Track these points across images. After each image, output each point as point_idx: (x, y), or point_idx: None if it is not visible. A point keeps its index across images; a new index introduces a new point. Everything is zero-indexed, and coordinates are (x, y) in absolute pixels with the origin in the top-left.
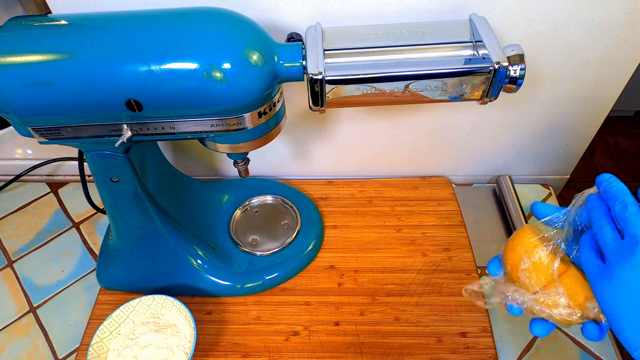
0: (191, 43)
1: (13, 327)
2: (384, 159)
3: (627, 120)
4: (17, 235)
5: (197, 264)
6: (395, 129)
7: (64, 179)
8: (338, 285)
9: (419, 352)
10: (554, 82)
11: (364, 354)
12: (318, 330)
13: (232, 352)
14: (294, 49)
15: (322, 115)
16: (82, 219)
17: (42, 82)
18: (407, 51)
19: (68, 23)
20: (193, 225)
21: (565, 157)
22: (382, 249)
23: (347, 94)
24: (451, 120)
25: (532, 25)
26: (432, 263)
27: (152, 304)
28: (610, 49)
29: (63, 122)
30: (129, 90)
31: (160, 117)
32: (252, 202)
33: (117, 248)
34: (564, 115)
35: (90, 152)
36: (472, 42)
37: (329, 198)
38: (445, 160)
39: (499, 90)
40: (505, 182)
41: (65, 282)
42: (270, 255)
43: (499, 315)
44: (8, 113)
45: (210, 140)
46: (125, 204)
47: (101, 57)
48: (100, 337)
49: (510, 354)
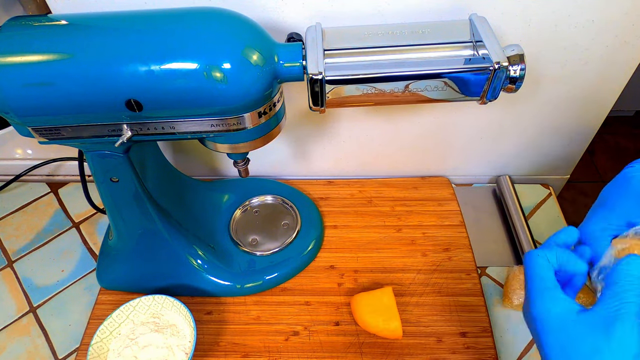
0: (191, 43)
1: (13, 327)
2: (384, 159)
3: (627, 120)
4: (17, 235)
5: (197, 264)
6: (395, 129)
7: (64, 179)
8: (338, 285)
9: (419, 352)
10: (554, 82)
11: (364, 354)
12: (318, 330)
13: (232, 352)
14: (294, 49)
15: (322, 115)
16: (82, 219)
17: (42, 82)
18: (407, 51)
19: (68, 23)
20: (193, 225)
21: (565, 157)
22: (382, 249)
23: (347, 94)
24: (451, 120)
25: (532, 25)
26: (432, 263)
27: (152, 304)
28: (610, 49)
29: (63, 122)
30: (129, 90)
31: (160, 117)
32: (252, 202)
33: (117, 248)
34: (564, 115)
35: (90, 152)
36: (472, 42)
37: (329, 198)
38: (445, 160)
39: (499, 91)
40: (505, 182)
41: (65, 282)
42: (270, 255)
43: (499, 315)
44: (8, 113)
45: (210, 140)
46: (125, 204)
47: (101, 57)
48: (100, 337)
49: (510, 354)
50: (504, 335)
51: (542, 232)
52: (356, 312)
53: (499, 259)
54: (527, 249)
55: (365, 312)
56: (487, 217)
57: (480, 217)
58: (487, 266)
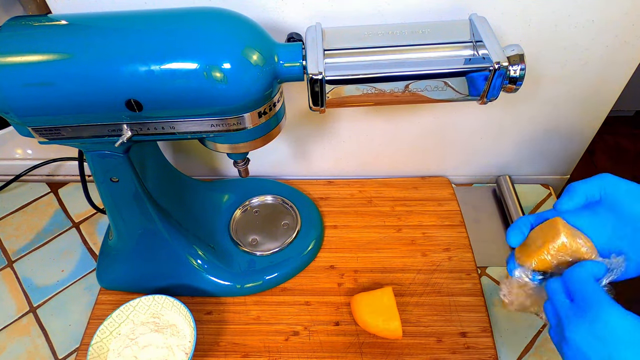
0: (191, 43)
1: (13, 327)
2: (384, 159)
3: (627, 120)
4: (17, 235)
5: (197, 264)
6: (395, 129)
7: (64, 179)
8: (338, 285)
9: (419, 352)
10: (554, 82)
11: (364, 354)
12: (318, 330)
13: (232, 352)
14: (294, 49)
15: (322, 115)
16: (82, 219)
17: (42, 82)
18: (407, 51)
19: (68, 23)
20: (193, 226)
21: (565, 157)
22: (382, 249)
23: (347, 94)
24: (451, 120)
25: (532, 25)
26: (432, 263)
27: (152, 304)
28: (610, 49)
29: (63, 122)
30: (129, 90)
31: (160, 117)
32: (252, 202)
33: (117, 248)
34: (564, 115)
35: (90, 152)
36: (472, 42)
37: (329, 198)
38: (445, 160)
39: (499, 90)
40: (505, 182)
41: (65, 282)
42: (270, 255)
43: (499, 315)
44: (8, 113)
45: (210, 140)
46: (125, 204)
47: (101, 57)
48: (100, 337)
49: (510, 354)
50: (504, 335)
51: None
52: (356, 312)
53: (499, 259)
54: None
55: (365, 312)
56: (487, 217)
57: (480, 217)
58: (487, 266)
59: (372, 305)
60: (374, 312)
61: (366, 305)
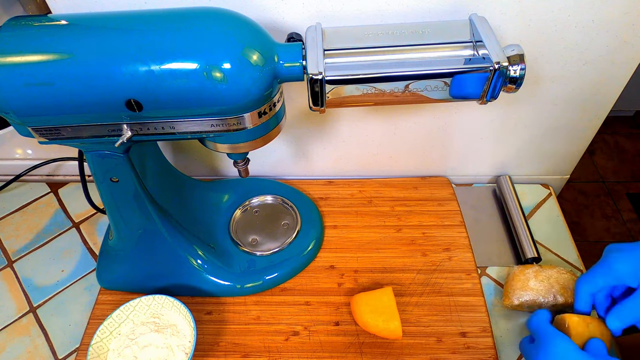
0: (191, 43)
1: (13, 327)
2: (384, 159)
3: (627, 120)
4: (17, 235)
5: (197, 264)
6: (395, 129)
7: (64, 179)
8: (338, 285)
9: (419, 352)
10: (554, 82)
11: (364, 354)
12: (318, 330)
13: (232, 352)
14: (294, 49)
15: (322, 115)
16: (82, 219)
17: (42, 82)
18: (407, 51)
19: (68, 23)
20: (193, 225)
21: (565, 157)
22: (382, 249)
23: (347, 94)
24: (451, 120)
25: (532, 25)
26: (432, 263)
27: (152, 304)
28: (610, 49)
29: (63, 122)
30: (129, 90)
31: (160, 117)
32: (252, 202)
33: (117, 248)
34: (564, 115)
35: (90, 152)
36: (472, 42)
37: (329, 198)
38: (445, 160)
39: (499, 91)
40: (505, 182)
41: (65, 282)
42: (270, 255)
43: (499, 315)
44: (8, 113)
45: (210, 140)
46: (125, 204)
47: (101, 57)
48: (100, 337)
49: (510, 354)
50: (504, 335)
51: (542, 232)
52: (356, 312)
53: (499, 259)
54: (527, 249)
55: (365, 312)
56: (487, 217)
57: (480, 217)
58: (487, 266)
59: (372, 305)
60: (373, 312)
61: (366, 305)
